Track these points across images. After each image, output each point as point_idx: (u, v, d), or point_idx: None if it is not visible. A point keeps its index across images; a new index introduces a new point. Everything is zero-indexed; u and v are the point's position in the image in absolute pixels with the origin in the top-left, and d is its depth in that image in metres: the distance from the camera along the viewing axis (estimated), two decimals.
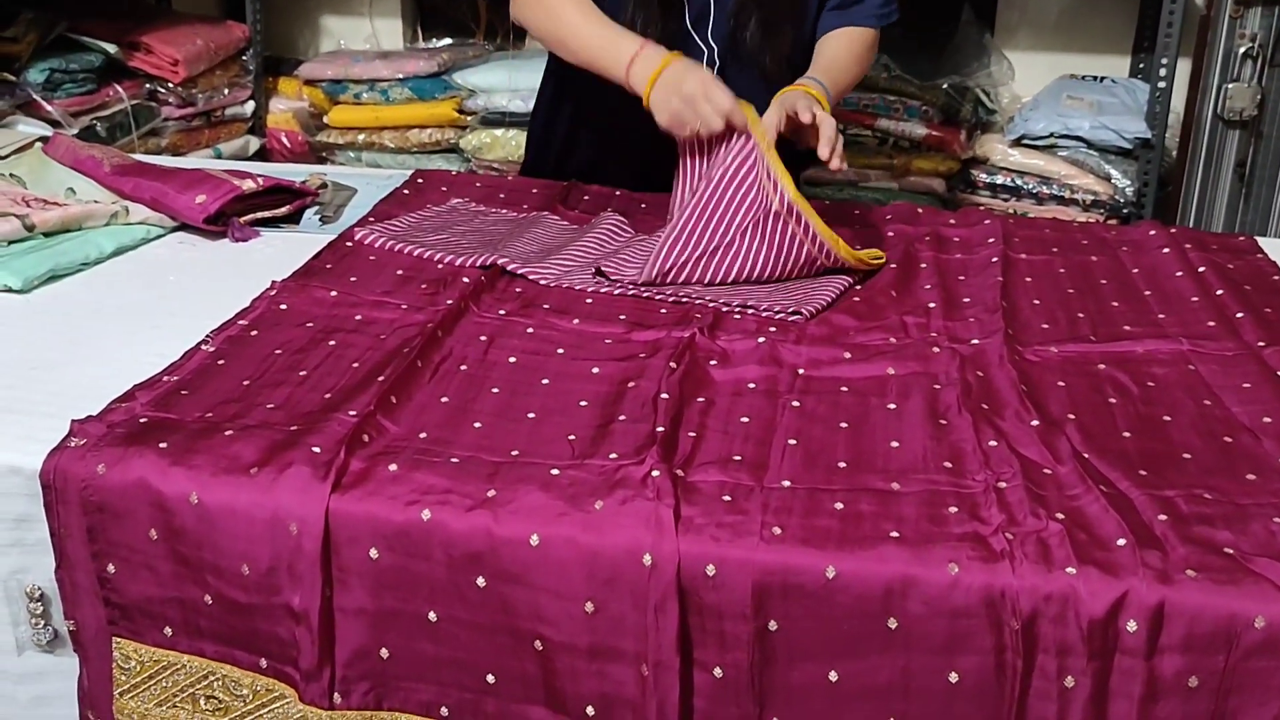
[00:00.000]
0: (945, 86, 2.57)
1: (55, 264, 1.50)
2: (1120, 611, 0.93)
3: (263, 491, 1.04)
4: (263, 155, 2.81)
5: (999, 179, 2.54)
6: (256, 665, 1.08)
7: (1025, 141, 2.51)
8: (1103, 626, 0.93)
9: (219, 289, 1.49)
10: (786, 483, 1.07)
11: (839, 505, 1.03)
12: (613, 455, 1.09)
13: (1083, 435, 1.16)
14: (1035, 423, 1.17)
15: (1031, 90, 2.69)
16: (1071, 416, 1.20)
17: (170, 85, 2.51)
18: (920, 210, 1.84)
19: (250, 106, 2.77)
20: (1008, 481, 1.07)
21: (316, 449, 1.08)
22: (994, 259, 1.61)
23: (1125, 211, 2.48)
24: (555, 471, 1.06)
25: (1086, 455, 1.12)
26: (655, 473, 1.04)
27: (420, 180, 1.94)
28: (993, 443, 1.13)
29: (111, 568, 1.09)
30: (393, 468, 1.06)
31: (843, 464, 1.11)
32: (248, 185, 1.69)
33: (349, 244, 1.64)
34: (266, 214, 1.72)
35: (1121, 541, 0.97)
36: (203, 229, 1.66)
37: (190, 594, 1.08)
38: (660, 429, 1.12)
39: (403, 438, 1.13)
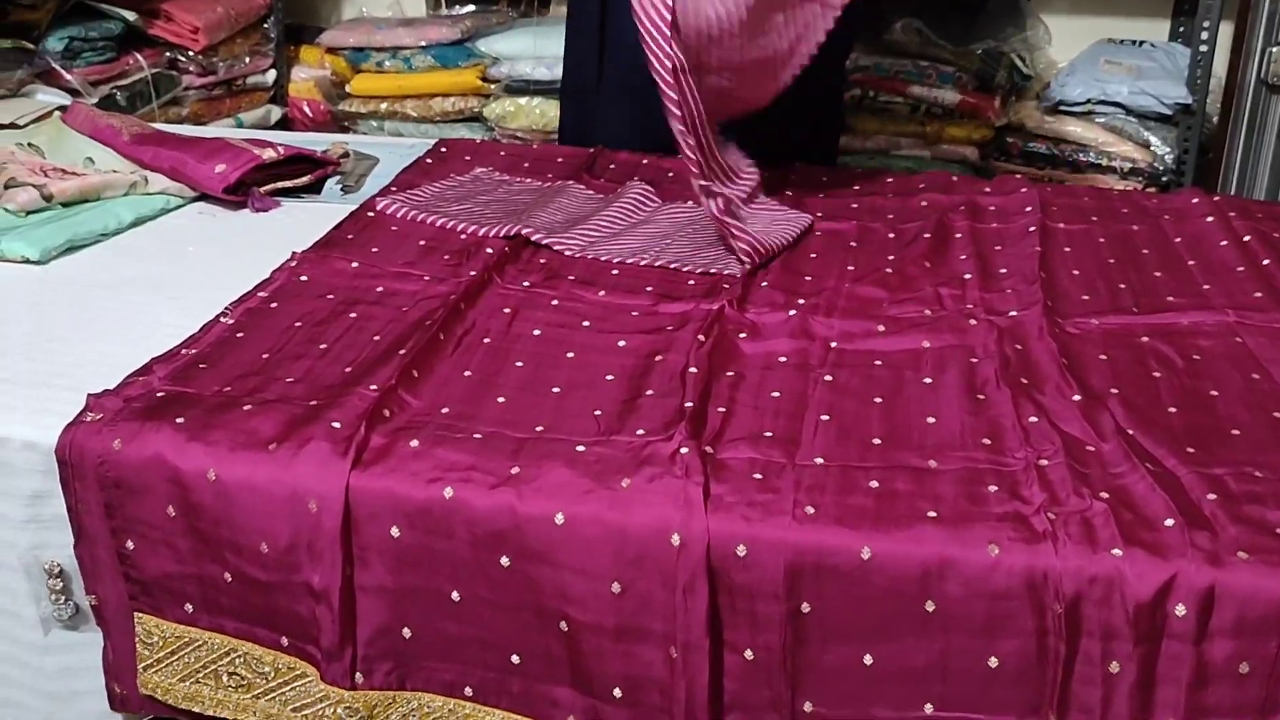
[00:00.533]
0: (979, 51, 2.50)
1: (73, 234, 1.48)
2: (1168, 595, 0.90)
3: (282, 468, 1.02)
4: (284, 124, 2.78)
5: (1034, 146, 2.48)
6: (277, 643, 1.06)
7: (1062, 108, 2.45)
8: (1150, 610, 0.90)
9: (238, 260, 1.47)
10: (819, 460, 1.03)
11: (874, 483, 1.00)
12: (640, 431, 1.06)
13: (1126, 410, 1.12)
14: (1077, 398, 1.13)
15: (1068, 55, 2.62)
16: (1114, 391, 1.16)
17: (191, 53, 2.48)
18: (955, 179, 1.80)
19: (272, 75, 2.74)
20: (1049, 459, 1.03)
21: (336, 424, 1.05)
22: (1031, 228, 1.57)
23: (1165, 179, 2.41)
24: (581, 448, 1.03)
25: (1131, 431, 1.08)
26: (684, 449, 1.01)
27: (443, 149, 1.91)
28: (1033, 418, 1.10)
29: (130, 544, 1.07)
30: (414, 444, 1.04)
31: (877, 440, 1.07)
32: (268, 154, 1.66)
33: (370, 214, 1.61)
34: (287, 184, 1.70)
35: (1169, 522, 0.93)
36: (222, 199, 1.63)
37: (209, 571, 1.06)
38: (689, 404, 1.09)
39: (424, 413, 1.10)
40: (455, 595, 1.01)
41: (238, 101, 2.67)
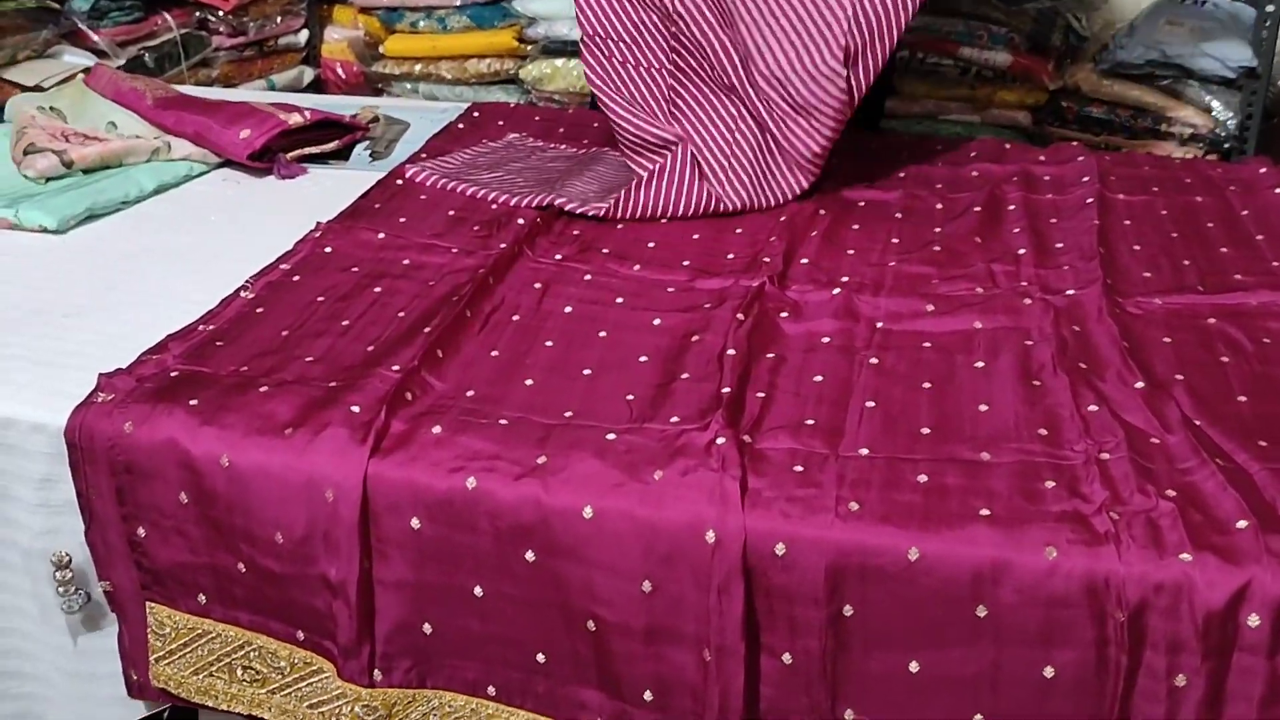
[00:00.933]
0: (1033, 11, 2.40)
1: (93, 203, 1.44)
2: (1241, 604, 0.83)
3: (297, 454, 0.97)
4: (317, 86, 2.72)
5: (1090, 111, 2.37)
6: (293, 637, 1.02)
7: (1120, 70, 2.34)
8: (1220, 620, 0.83)
9: (263, 229, 1.42)
10: (864, 451, 0.97)
11: (922, 478, 0.94)
12: (674, 419, 1.00)
13: (1193, 399, 1.05)
14: (1140, 385, 1.06)
15: (1126, 15, 2.50)
16: (1179, 377, 1.09)
17: (221, 13, 2.42)
18: (1008, 146, 1.72)
19: (304, 35, 2.67)
20: (1111, 453, 0.96)
21: (355, 408, 1.00)
22: (1089, 200, 1.49)
23: (1227, 146, 2.30)
24: (611, 436, 0.98)
25: (1198, 422, 1.01)
26: (720, 439, 0.95)
27: (476, 114, 1.85)
28: (1093, 407, 1.03)
29: (141, 531, 1.03)
30: (436, 430, 0.98)
31: (926, 430, 1.01)
32: (294, 120, 1.61)
33: (399, 182, 1.56)
34: (314, 150, 1.65)
35: (1242, 524, 0.87)
36: (247, 165, 1.58)
37: (223, 561, 1.01)
38: (726, 389, 1.03)
39: (448, 396, 1.05)
40: (478, 591, 0.96)
41: (269, 63, 2.61)
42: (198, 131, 1.58)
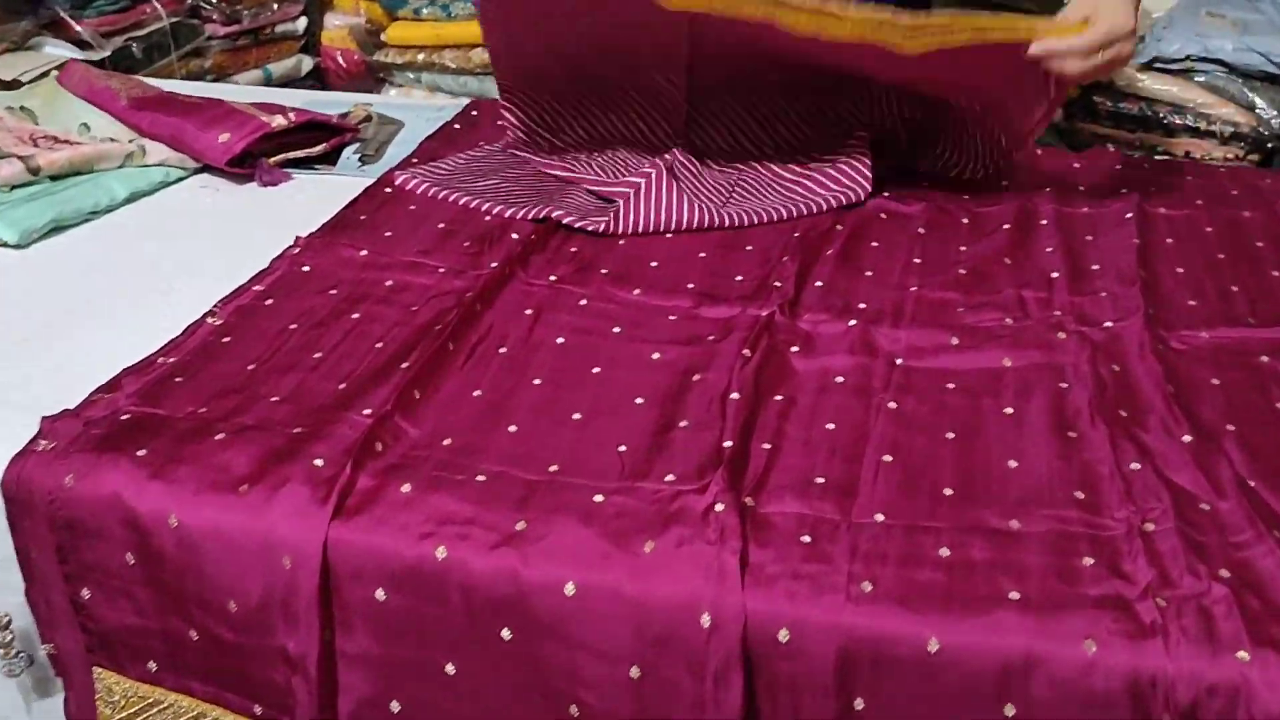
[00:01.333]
0: (1064, 1, 2.29)
1: (59, 213, 1.35)
2: None
3: (253, 514, 0.88)
4: (317, 76, 2.62)
5: (1124, 107, 2.26)
6: (250, 711, 0.93)
7: (1157, 65, 2.22)
8: None
9: (241, 242, 1.33)
10: (880, 517, 0.88)
11: (945, 551, 0.84)
12: (669, 478, 0.91)
13: (1246, 454, 0.95)
14: (1187, 438, 0.96)
15: (1165, 5, 2.38)
16: (1230, 428, 0.98)
17: (214, 0, 2.33)
18: (1039, 150, 1.60)
19: (302, 23, 2.56)
20: (1156, 522, 0.86)
21: (319, 461, 0.91)
22: (1128, 214, 1.38)
23: (1270, 145, 2.19)
24: (599, 498, 0.88)
25: (1253, 483, 0.91)
26: (719, 505, 0.86)
27: (474, 112, 1.75)
28: (1135, 465, 0.93)
29: (86, 592, 0.94)
30: (406, 489, 0.89)
31: (949, 490, 0.91)
32: (277, 122, 1.51)
33: (388, 190, 1.46)
34: (299, 154, 1.55)
35: None
36: (227, 171, 1.49)
37: (174, 627, 0.93)
38: (728, 443, 0.93)
39: (423, 444, 0.96)
40: (450, 669, 0.87)
41: (265, 52, 2.50)
42: (173, 134, 1.49)
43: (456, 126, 1.68)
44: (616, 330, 1.14)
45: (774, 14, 1.21)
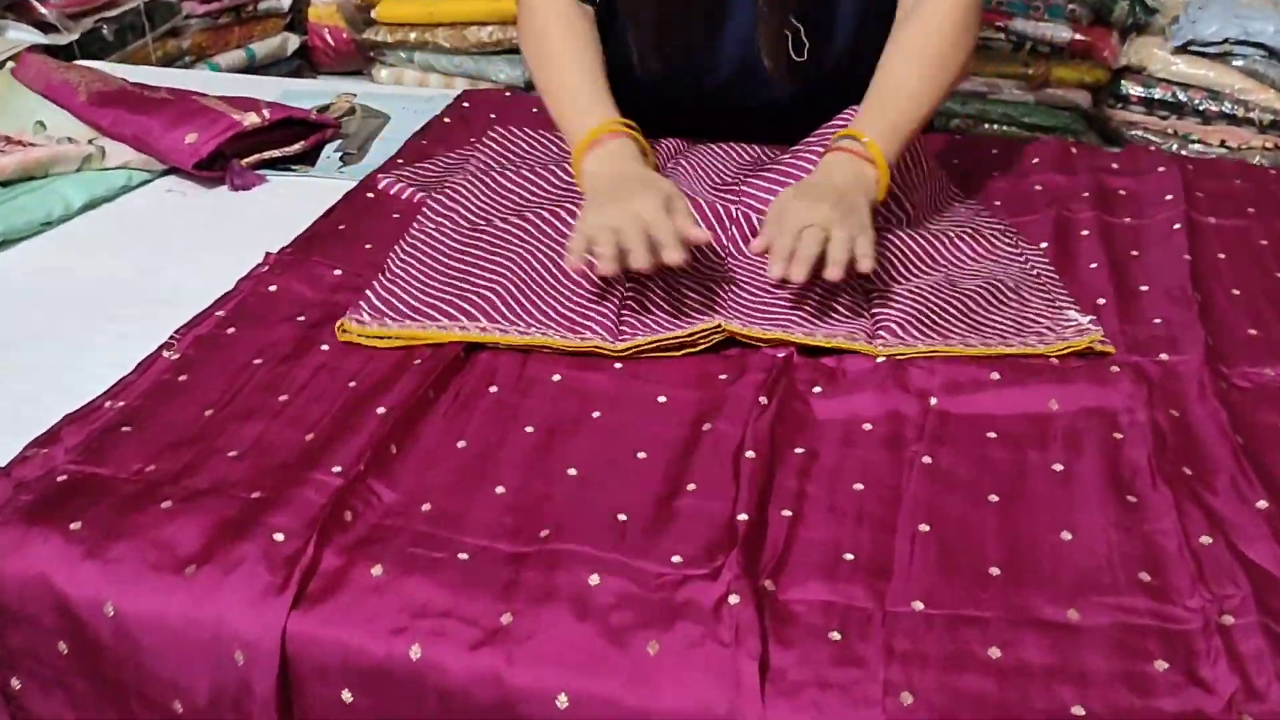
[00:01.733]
0: None
1: (8, 225, 1.23)
2: None
3: (201, 601, 0.77)
4: (303, 55, 2.49)
5: (1157, 92, 2.14)
6: None
7: (1192, 48, 2.10)
8: None
9: (209, 256, 1.22)
10: (919, 605, 0.77)
11: (995, 652, 0.73)
12: (676, 558, 0.79)
13: None
14: (1262, 504, 0.85)
15: None
16: None
17: None
18: (1074, 150, 1.48)
19: None
20: (1235, 614, 0.75)
21: (279, 536, 0.80)
22: (1176, 225, 1.26)
23: None
24: (595, 579, 0.77)
25: None
26: (734, 597, 0.75)
27: (465, 104, 1.62)
28: (1206, 539, 0.82)
29: (16, 682, 0.83)
30: (377, 571, 0.78)
31: (995, 569, 0.80)
32: (250, 120, 1.39)
33: (370, 195, 1.34)
34: (275, 153, 1.43)
35: None
36: (195, 174, 1.37)
37: None
38: (743, 516, 0.82)
39: (398, 511, 0.85)
40: None
41: (248, 30, 2.37)
42: (137, 134, 1.37)
43: (446, 120, 1.56)
44: (618, 365, 1.02)
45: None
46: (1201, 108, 2.11)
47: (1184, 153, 2.15)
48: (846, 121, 1.18)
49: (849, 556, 0.81)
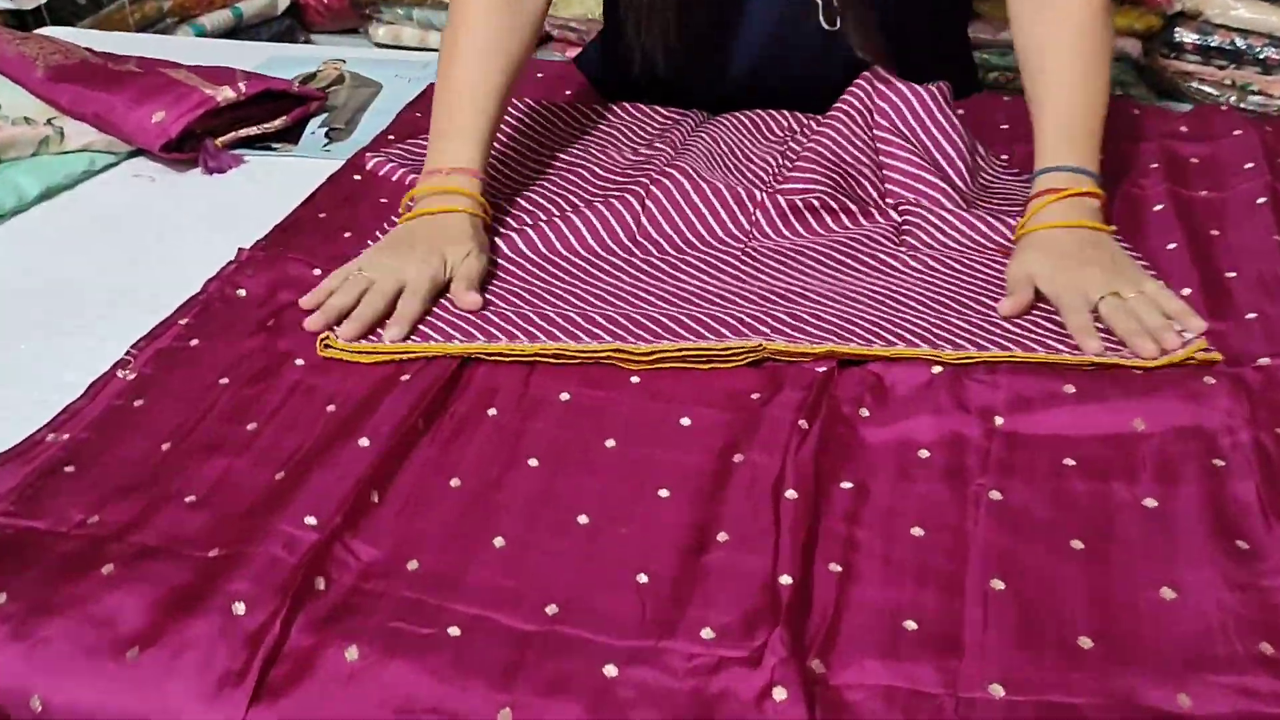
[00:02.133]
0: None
1: None
2: None
3: (144, 692, 0.65)
4: (295, 14, 2.34)
5: (1214, 39, 1.98)
6: None
7: None
8: None
9: (179, 250, 1.11)
10: (998, 690, 0.64)
11: None
12: (706, 633, 0.67)
13: None
14: None
15: None
16: None
17: None
18: (1135, 111, 1.33)
19: None
20: None
21: (239, 606, 0.68)
22: (1260, 199, 1.12)
23: None
24: (612, 671, 0.65)
25: None
26: (780, 692, 0.62)
27: None
28: None
29: None
30: (352, 654, 0.66)
31: (1087, 642, 0.67)
32: (224, 95, 1.26)
33: (356, 176, 1.21)
34: (254, 130, 1.30)
35: None
36: (165, 157, 1.24)
37: None
38: (785, 579, 0.69)
39: (380, 573, 0.72)
40: None
41: None
42: (99, 112, 1.24)
43: None
44: (635, 380, 0.89)
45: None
46: (1262, 56, 1.95)
47: (1242, 105, 2.00)
48: (869, 84, 1.06)
49: (911, 625, 0.68)
